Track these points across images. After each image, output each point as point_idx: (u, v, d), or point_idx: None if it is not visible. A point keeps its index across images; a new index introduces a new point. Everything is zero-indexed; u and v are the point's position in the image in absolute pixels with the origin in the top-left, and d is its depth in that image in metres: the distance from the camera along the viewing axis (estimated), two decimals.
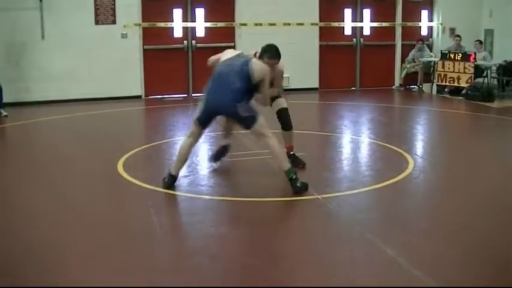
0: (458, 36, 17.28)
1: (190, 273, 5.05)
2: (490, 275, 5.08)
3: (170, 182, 7.44)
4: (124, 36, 15.28)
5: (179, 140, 10.46)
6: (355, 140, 10.63)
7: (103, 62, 15.02)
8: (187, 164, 8.08)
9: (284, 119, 8.24)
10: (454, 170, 8.73)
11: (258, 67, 7.24)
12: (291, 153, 8.27)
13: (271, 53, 7.64)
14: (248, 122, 7.18)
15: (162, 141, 10.39)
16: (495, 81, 16.30)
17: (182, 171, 7.86)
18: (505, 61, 16.14)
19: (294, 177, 7.17)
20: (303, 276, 5.09)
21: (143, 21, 15.52)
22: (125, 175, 8.04)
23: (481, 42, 16.99)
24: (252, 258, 5.42)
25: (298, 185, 7.14)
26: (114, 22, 15.18)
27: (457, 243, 5.80)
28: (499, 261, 5.41)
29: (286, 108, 8.26)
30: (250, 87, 7.24)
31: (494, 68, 16.35)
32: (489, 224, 6.38)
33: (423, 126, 12.50)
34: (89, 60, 14.95)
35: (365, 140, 10.64)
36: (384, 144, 9.94)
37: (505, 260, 5.45)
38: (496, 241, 5.88)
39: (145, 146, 9.95)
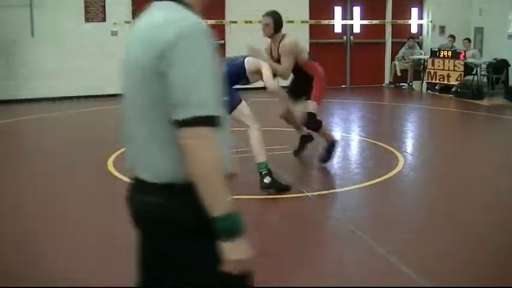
0: (452, 36, 17.30)
1: None
2: (483, 273, 5.10)
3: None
4: (114, 33, 15.23)
5: None
6: (345, 137, 10.64)
7: (93, 59, 14.94)
8: None
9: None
10: (444, 168, 8.77)
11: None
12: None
13: None
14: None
15: None
16: (485, 79, 16.35)
17: None
18: (495, 59, 16.23)
19: (264, 172, 7.15)
20: (293, 274, 5.10)
21: (133, 19, 15.43)
22: (115, 173, 8.02)
23: (469, 40, 17.05)
24: None
25: (265, 181, 7.11)
26: (104, 20, 15.14)
27: (448, 241, 5.82)
28: (492, 259, 5.42)
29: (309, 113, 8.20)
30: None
31: (484, 66, 16.39)
32: (481, 221, 6.43)
33: (413, 124, 12.53)
34: (79, 58, 14.88)
35: (355, 137, 10.66)
36: (374, 142, 9.96)
37: (497, 257, 5.46)
38: (488, 238, 5.91)
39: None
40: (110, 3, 15.14)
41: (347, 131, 11.43)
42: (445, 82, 16.21)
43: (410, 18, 18.73)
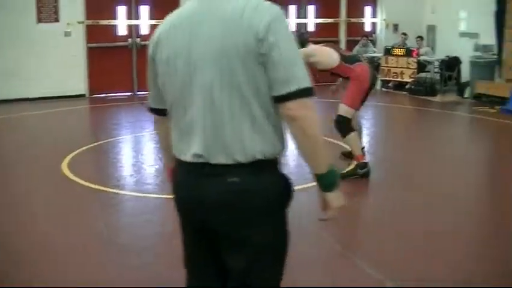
0: (405, 34, 17.48)
1: (138, 272, 5.02)
2: (438, 270, 5.16)
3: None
4: (67, 34, 15.07)
5: (124, 138, 10.45)
6: None
7: (46, 60, 14.78)
8: (131, 163, 8.04)
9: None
10: (399, 164, 8.87)
11: None
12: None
13: None
14: None
15: (107, 141, 10.30)
16: (437, 76, 16.53)
17: (128, 171, 7.81)
18: (447, 56, 16.43)
19: None
20: None
21: (86, 19, 15.34)
22: (70, 175, 7.95)
23: (422, 38, 17.24)
24: None
25: None
26: (57, 20, 14.96)
27: (405, 237, 5.88)
28: (448, 254, 5.48)
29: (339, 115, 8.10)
30: None
31: (436, 63, 16.58)
32: (438, 216, 6.51)
33: (368, 121, 12.56)
34: (32, 59, 14.68)
35: None
36: (330, 139, 9.96)
37: (454, 252, 5.52)
38: (444, 233, 6.00)
39: (89, 146, 9.84)
40: (63, 3, 14.94)
41: None
42: (399, 79, 16.38)
43: (364, 17, 18.88)
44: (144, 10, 16.12)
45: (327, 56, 7.98)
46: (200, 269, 2.92)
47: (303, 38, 8.24)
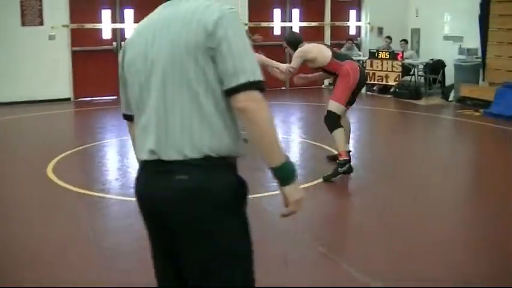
0: (389, 37, 17.54)
1: (123, 276, 5.00)
2: (425, 271, 5.17)
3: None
4: (51, 38, 15.01)
5: (109, 142, 10.42)
6: (285, 139, 10.68)
7: (31, 64, 14.70)
8: (117, 166, 8.02)
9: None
10: (384, 168, 8.88)
11: None
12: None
13: None
14: None
15: (92, 144, 10.25)
16: (422, 80, 16.61)
17: (113, 175, 7.79)
18: (431, 60, 16.51)
19: None
20: None
21: (71, 23, 15.29)
22: (55, 179, 7.92)
23: (406, 41, 17.30)
24: None
25: None
26: (41, 23, 14.89)
27: (388, 240, 5.90)
28: (435, 255, 5.50)
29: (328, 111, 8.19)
30: None
31: (421, 67, 16.65)
32: (422, 219, 6.53)
33: (353, 125, 12.48)
34: (17, 63, 14.61)
35: (296, 139, 10.70)
36: (315, 143, 10.01)
37: (439, 254, 5.54)
38: (432, 234, 6.03)
39: (74, 150, 9.79)
40: (47, 7, 14.87)
41: (287, 132, 11.48)
42: (384, 83, 16.42)
43: (348, 20, 18.92)
44: (129, 13, 16.09)
45: (322, 52, 8.18)
46: (161, 269, 2.95)
47: (296, 37, 8.46)
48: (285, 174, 2.70)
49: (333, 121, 7.99)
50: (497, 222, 6.48)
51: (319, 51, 8.16)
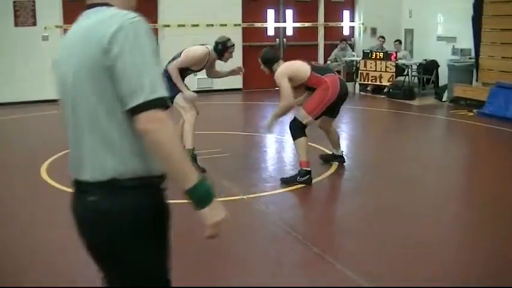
0: (382, 37, 17.54)
1: None
2: (419, 272, 5.18)
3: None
4: (45, 38, 14.91)
5: None
6: (279, 140, 10.67)
7: (24, 65, 14.65)
8: None
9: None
10: (378, 168, 8.88)
11: None
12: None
13: None
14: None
15: None
16: (416, 80, 16.62)
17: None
18: (425, 60, 16.50)
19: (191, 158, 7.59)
20: (231, 275, 5.11)
21: (64, 23, 15.17)
22: (49, 181, 7.90)
23: (400, 42, 17.31)
24: (177, 260, 5.40)
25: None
26: (34, 24, 14.81)
27: (382, 240, 5.90)
28: (426, 257, 5.50)
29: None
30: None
31: (414, 67, 16.66)
32: (416, 220, 6.55)
33: (347, 125, 12.60)
34: (9, 64, 14.57)
35: (290, 139, 10.62)
36: (309, 143, 9.99)
37: (432, 256, 5.55)
38: (425, 235, 6.04)
39: (68, 150, 9.66)
40: (40, 7, 14.79)
41: (282, 133, 11.45)
42: (377, 83, 16.42)
43: (342, 21, 18.91)
44: None
45: (302, 66, 8.01)
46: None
47: (272, 55, 8.24)
48: (198, 196, 2.54)
49: (297, 129, 7.88)
50: (491, 222, 6.49)
51: (299, 66, 8.02)
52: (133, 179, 2.54)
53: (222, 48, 8.39)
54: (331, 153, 8.74)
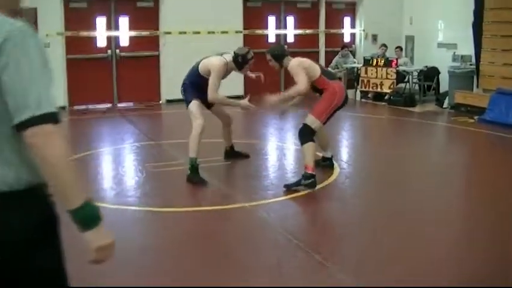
0: (385, 45, 17.48)
1: (120, 284, 4.97)
2: (421, 277, 5.18)
3: None
4: (46, 45, 14.66)
5: (105, 150, 10.38)
6: (280, 147, 10.69)
7: None
8: (112, 175, 8.04)
9: None
10: (378, 175, 8.90)
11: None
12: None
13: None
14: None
15: (86, 153, 10.08)
16: (416, 87, 16.61)
17: (109, 183, 7.78)
18: (426, 67, 16.50)
19: (189, 166, 7.99)
20: (230, 282, 5.10)
21: (66, 30, 15.21)
22: None
23: (401, 48, 17.29)
24: (180, 269, 5.43)
25: (189, 174, 7.96)
26: (36, 31, 14.73)
27: (384, 248, 5.91)
28: (430, 266, 5.50)
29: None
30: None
31: (415, 74, 16.65)
32: (417, 226, 6.54)
33: (347, 132, 12.59)
34: None
35: (291, 147, 10.64)
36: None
37: (433, 264, 5.53)
38: (423, 240, 6.06)
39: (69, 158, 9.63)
40: (42, 14, 14.73)
41: (282, 140, 11.47)
42: (378, 90, 16.40)
43: (343, 28, 18.92)
44: (123, 21, 15.96)
45: (313, 65, 8.09)
46: None
47: (282, 50, 8.39)
48: (84, 217, 2.44)
49: (307, 135, 7.87)
50: (490, 229, 6.49)
51: (311, 63, 8.13)
52: (25, 190, 2.45)
53: (242, 61, 8.34)
54: (321, 155, 8.77)
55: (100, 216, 2.49)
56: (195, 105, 8.23)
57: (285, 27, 18.08)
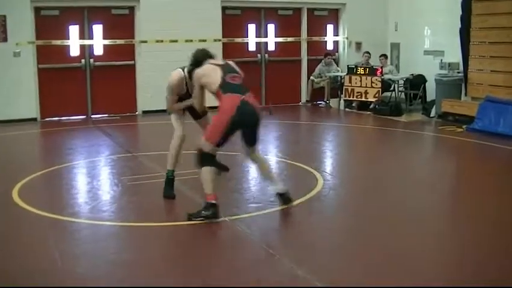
0: (368, 53, 17.26)
1: None
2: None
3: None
4: (16, 54, 14.42)
5: (79, 164, 10.26)
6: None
7: None
8: (86, 189, 8.31)
9: None
10: (363, 186, 8.78)
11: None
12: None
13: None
14: None
15: (60, 166, 9.83)
16: (402, 95, 16.31)
17: (83, 198, 7.88)
18: (412, 75, 16.28)
19: (166, 179, 7.87)
20: None
21: (37, 39, 14.74)
22: (21, 203, 7.58)
23: (386, 56, 16.99)
24: (157, 280, 5.35)
25: (165, 185, 7.82)
26: (5, 40, 14.29)
27: (368, 261, 5.80)
28: (415, 276, 5.44)
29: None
30: None
31: (401, 82, 16.35)
32: (401, 238, 6.50)
33: (331, 143, 12.40)
34: None
35: (273, 158, 10.33)
36: (292, 162, 9.77)
37: (418, 274, 5.47)
38: (409, 254, 5.99)
39: (42, 172, 9.42)
40: (11, 21, 14.30)
41: (264, 152, 11.00)
42: (363, 99, 16.08)
43: (325, 35, 18.56)
44: (97, 29, 15.56)
45: (211, 76, 7.08)
46: None
47: (198, 56, 7.45)
48: None
49: (204, 160, 6.91)
50: (476, 240, 6.42)
51: (210, 75, 7.08)
52: None
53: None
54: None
55: None
56: (173, 117, 7.93)
57: (266, 35, 17.69)
